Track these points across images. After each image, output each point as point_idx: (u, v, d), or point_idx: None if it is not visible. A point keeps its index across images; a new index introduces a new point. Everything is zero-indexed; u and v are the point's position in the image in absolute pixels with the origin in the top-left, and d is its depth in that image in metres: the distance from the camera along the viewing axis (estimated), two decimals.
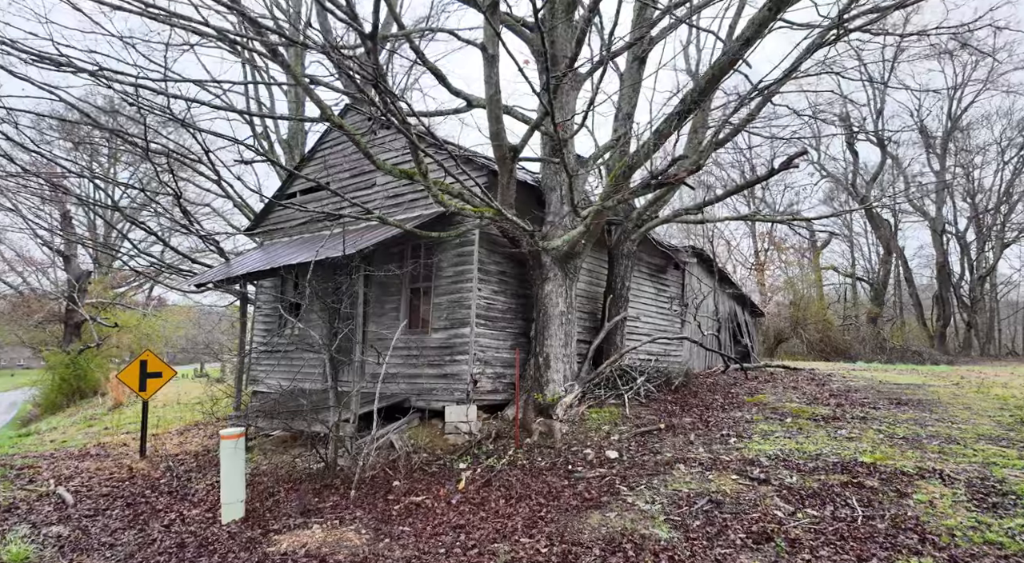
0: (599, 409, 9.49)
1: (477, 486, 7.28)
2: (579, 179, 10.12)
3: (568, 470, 7.37)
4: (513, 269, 10.37)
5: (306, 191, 12.90)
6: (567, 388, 9.57)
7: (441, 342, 9.81)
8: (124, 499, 8.48)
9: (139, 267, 19.04)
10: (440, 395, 9.68)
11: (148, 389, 10.71)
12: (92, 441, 13.82)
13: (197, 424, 15.38)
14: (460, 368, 9.48)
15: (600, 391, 10.00)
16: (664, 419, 9.02)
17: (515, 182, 8.59)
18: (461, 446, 8.84)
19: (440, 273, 10.06)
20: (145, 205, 13.19)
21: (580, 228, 9.08)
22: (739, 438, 7.91)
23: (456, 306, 9.73)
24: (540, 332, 9.83)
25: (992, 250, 43.13)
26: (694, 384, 11.23)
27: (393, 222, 8.23)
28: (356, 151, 11.91)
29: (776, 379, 12.55)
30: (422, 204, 10.57)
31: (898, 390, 10.96)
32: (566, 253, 9.62)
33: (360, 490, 7.61)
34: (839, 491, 5.93)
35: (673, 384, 10.78)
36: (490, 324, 9.85)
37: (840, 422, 8.36)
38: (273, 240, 13.40)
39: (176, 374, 11.28)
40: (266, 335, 12.74)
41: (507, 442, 8.77)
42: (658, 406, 9.76)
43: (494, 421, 9.66)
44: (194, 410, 17.31)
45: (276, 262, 9.98)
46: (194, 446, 12.24)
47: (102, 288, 30.73)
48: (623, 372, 10.48)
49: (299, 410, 9.14)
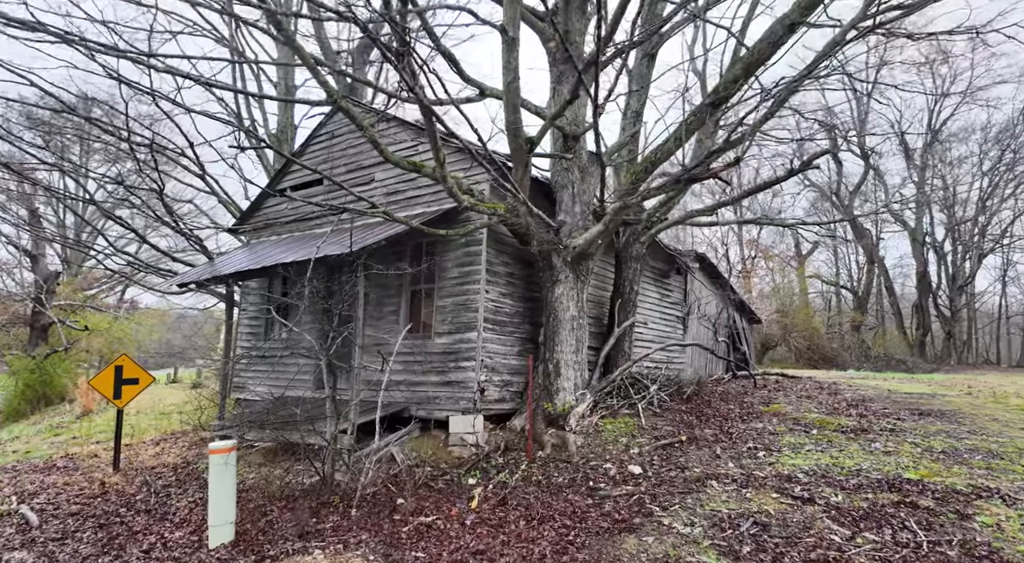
0: (613, 419, 8.95)
1: (492, 505, 6.67)
2: (591, 177, 9.62)
3: (590, 487, 6.81)
4: (521, 270, 9.82)
5: (298, 187, 12.20)
6: (578, 397, 9.02)
7: (445, 347, 9.20)
8: (96, 519, 7.70)
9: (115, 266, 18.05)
10: (444, 404, 9.06)
11: (124, 397, 9.91)
12: (59, 452, 12.88)
13: (174, 433, 14.50)
14: (466, 375, 8.88)
15: (612, 400, 9.48)
16: (683, 430, 8.51)
17: (530, 177, 8.05)
18: (468, 460, 8.23)
19: (444, 274, 9.47)
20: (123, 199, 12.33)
21: (599, 227, 8.57)
22: (768, 452, 7.43)
23: (462, 309, 9.14)
24: (550, 337, 9.27)
25: (970, 260, 43.75)
26: (705, 393, 10.77)
27: (400, 218, 7.63)
28: (352, 146, 11.29)
29: (784, 388, 12.17)
30: (424, 201, 9.98)
31: (913, 400, 10.63)
32: (578, 254, 9.10)
33: (362, 508, 6.95)
34: (893, 512, 5.46)
35: (685, 393, 10.30)
36: (497, 328, 9.27)
37: (870, 434, 7.94)
38: (260, 239, 12.67)
39: (154, 380, 10.50)
40: (252, 339, 11.98)
41: (517, 455, 8.18)
42: (673, 416, 9.26)
43: (501, 432, 9.06)
44: (170, 418, 16.42)
45: (268, 260, 9.29)
46: (172, 458, 11.43)
47: (71, 290, 29.43)
48: (634, 380, 9.97)
49: (292, 420, 8.45)
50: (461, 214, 9.49)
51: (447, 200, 9.69)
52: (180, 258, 12.58)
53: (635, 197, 7.50)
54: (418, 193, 10.10)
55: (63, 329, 25.14)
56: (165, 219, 11.75)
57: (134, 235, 14.94)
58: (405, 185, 10.31)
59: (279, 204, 12.47)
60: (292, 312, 11.59)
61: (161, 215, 11.91)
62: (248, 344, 11.90)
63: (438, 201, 9.80)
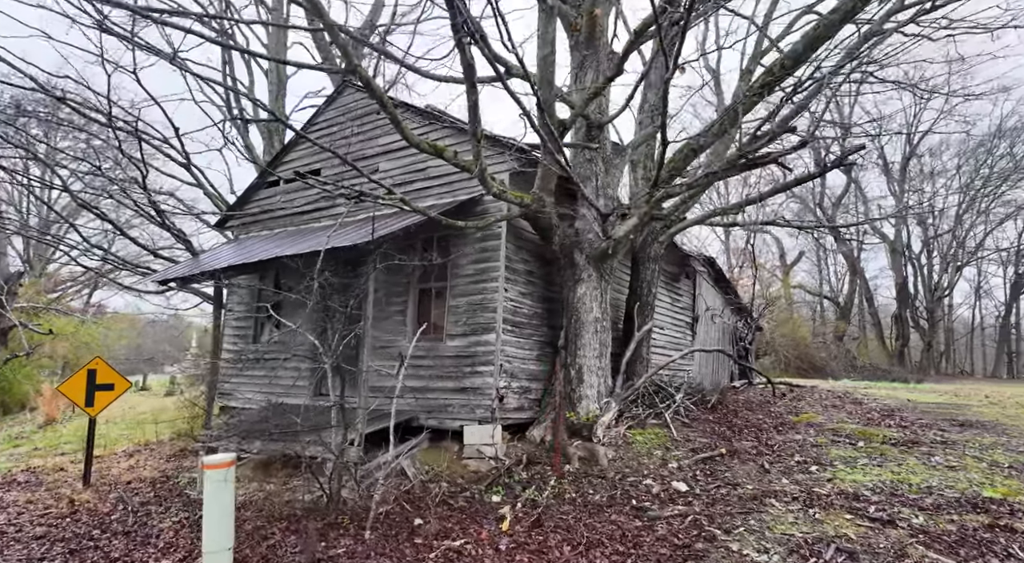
0: (641, 430, 8.28)
1: (526, 527, 5.93)
2: (616, 169, 9.00)
3: (635, 507, 6.11)
4: (540, 269, 9.13)
5: (292, 180, 11.35)
6: (603, 406, 8.34)
7: (458, 350, 8.45)
8: (66, 543, 6.76)
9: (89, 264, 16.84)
10: (457, 413, 8.29)
11: (97, 404, 8.93)
12: (19, 465, 11.74)
13: (148, 444, 13.43)
14: (483, 381, 8.13)
15: (637, 409, 8.82)
16: (719, 442, 7.88)
17: (559, 165, 7.39)
18: (487, 474, 7.47)
19: (458, 271, 8.72)
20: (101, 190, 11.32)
21: (633, 221, 7.93)
22: (820, 466, 6.82)
23: (478, 309, 8.40)
24: (572, 341, 8.59)
25: (948, 272, 44.34)
26: (728, 401, 10.18)
27: (419, 208, 6.89)
28: (354, 134, 10.50)
29: (801, 397, 11.63)
30: (434, 193, 9.24)
31: (942, 411, 10.18)
32: (602, 251, 8.45)
33: (376, 531, 6.15)
34: (989, 536, 4.87)
35: (709, 402, 9.69)
36: (516, 331, 8.55)
37: (923, 447, 7.39)
38: (249, 234, 11.78)
39: (132, 386, 9.53)
40: (239, 342, 11.06)
41: (542, 470, 7.44)
42: (703, 427, 8.63)
43: (520, 443, 8.32)
44: (144, 428, 15.30)
45: (267, 253, 8.45)
46: (149, 471, 10.42)
47: (34, 292, 27.89)
48: (658, 388, 9.33)
49: (291, 430, 7.61)
50: (476, 207, 8.78)
51: (460, 192, 8.99)
52: (163, 254, 11.59)
53: (681, 187, 6.88)
54: (427, 184, 9.37)
55: (25, 333, 23.66)
56: (146, 211, 10.79)
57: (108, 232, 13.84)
58: (414, 176, 9.57)
59: (270, 197, 11.62)
60: (285, 313, 10.71)
61: (142, 207, 10.93)
62: (235, 347, 10.98)
63: (451, 192, 9.07)
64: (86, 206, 10.90)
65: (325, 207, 10.75)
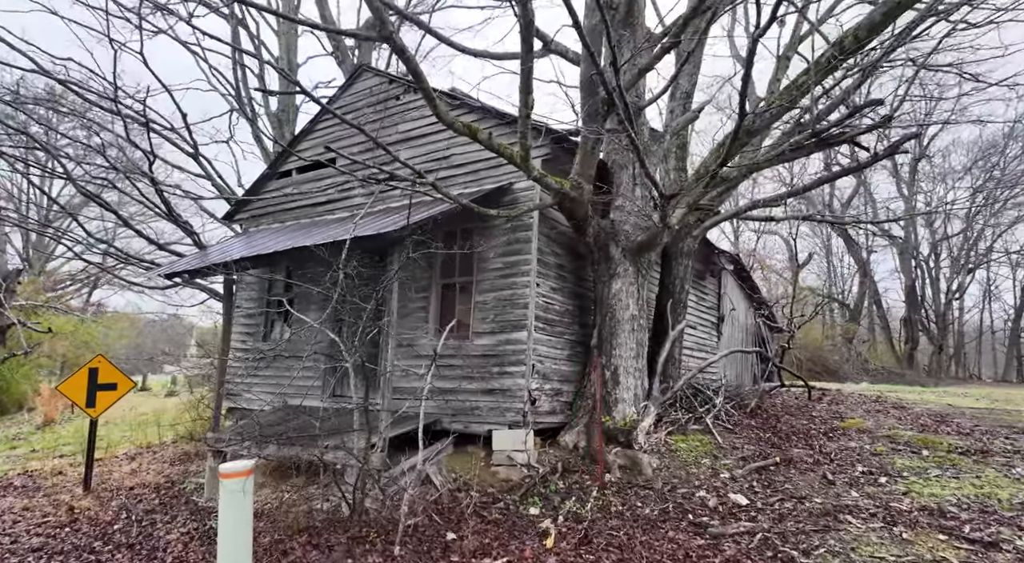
0: (683, 436, 7.72)
1: (573, 544, 5.36)
2: (654, 156, 8.44)
3: (692, 522, 5.54)
4: (571, 262, 8.57)
5: (305, 169, 10.80)
6: (641, 410, 7.77)
7: (486, 349, 7.87)
8: (65, 556, 6.20)
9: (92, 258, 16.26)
10: (485, 416, 7.72)
11: (99, 405, 8.37)
12: (16, 468, 11.19)
13: (150, 447, 12.89)
14: (513, 382, 7.55)
15: (675, 413, 8.25)
16: (770, 450, 7.31)
17: (600, 149, 6.84)
18: (519, 483, 6.89)
19: (485, 265, 8.15)
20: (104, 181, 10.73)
21: (682, 210, 7.37)
22: (889, 477, 6.25)
23: (507, 305, 7.83)
24: (606, 340, 8.02)
25: (959, 275, 43.76)
26: (766, 405, 9.61)
27: (451, 195, 6.34)
28: (372, 121, 9.95)
29: (838, 400, 11.06)
30: (459, 182, 8.68)
31: (995, 416, 9.60)
32: (640, 243, 7.89)
33: (406, 546, 5.58)
34: None
35: (748, 405, 9.12)
36: (548, 328, 7.98)
37: (997, 457, 6.82)
38: (259, 227, 11.21)
39: (135, 386, 8.97)
40: (248, 340, 10.49)
41: (580, 479, 6.87)
42: (747, 432, 8.06)
43: (551, 449, 7.75)
44: (146, 429, 14.76)
45: (284, 244, 7.90)
46: (152, 476, 9.85)
47: (33, 289, 27.34)
48: (695, 391, 8.76)
49: (308, 433, 7.03)
50: (504, 196, 8.22)
51: (486, 180, 8.44)
52: (169, 248, 11.01)
53: (740, 170, 6.33)
54: (451, 173, 8.81)
55: (23, 331, 23.12)
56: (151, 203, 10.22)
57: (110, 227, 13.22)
58: (436, 164, 9.01)
59: (282, 189, 11.06)
60: (297, 310, 10.15)
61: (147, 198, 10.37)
62: (245, 346, 10.40)
63: (476, 181, 8.52)
64: (87, 194, 10.32)
65: (340, 199, 10.20)
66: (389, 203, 9.49)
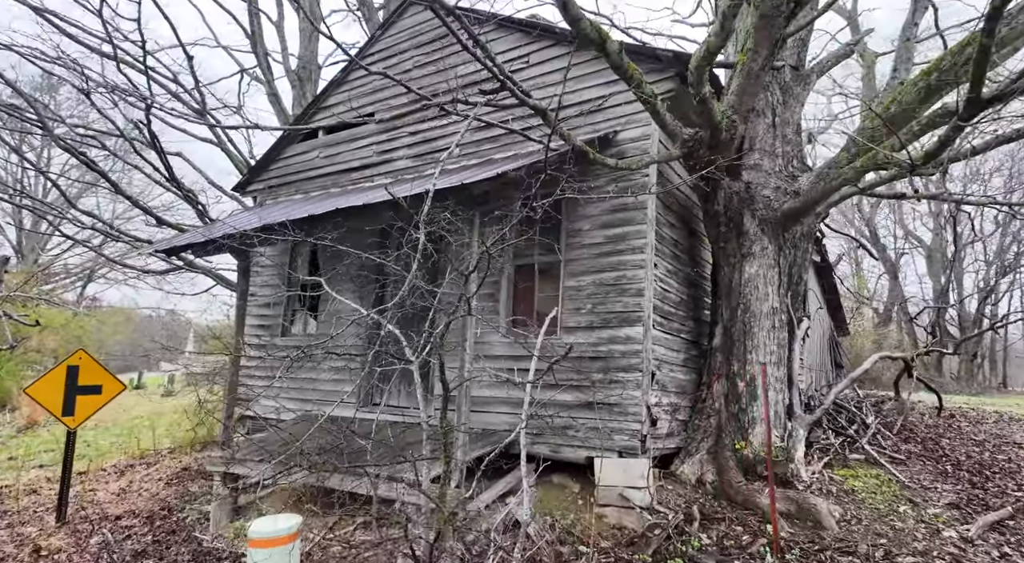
0: (848, 469, 5.86)
1: None
2: (795, 101, 6.60)
3: None
4: (685, 239, 6.73)
5: (334, 129, 8.96)
6: (788, 434, 5.91)
7: (582, 350, 6.00)
8: None
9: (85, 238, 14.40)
10: (584, 438, 5.85)
11: (78, 413, 6.51)
12: None
13: (144, 457, 11.04)
14: (624, 394, 5.68)
15: (823, 436, 6.40)
16: (972, 491, 5.45)
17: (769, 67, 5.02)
18: (644, 536, 5.02)
19: (577, 240, 6.28)
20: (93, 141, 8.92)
21: (812, 177, 5.57)
22: None
23: (611, 292, 5.96)
24: (738, 340, 6.17)
25: (993, 282, 41.97)
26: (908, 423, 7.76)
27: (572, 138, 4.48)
28: (420, 65, 8.11)
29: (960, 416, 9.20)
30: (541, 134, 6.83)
31: None
32: (786, 213, 6.06)
33: None
34: None
35: (893, 424, 7.27)
36: (664, 324, 6.13)
37: None
38: (278, 200, 9.36)
39: (125, 388, 7.11)
40: (264, 335, 8.63)
41: (731, 531, 5.00)
42: (918, 463, 6.21)
43: (668, 484, 5.89)
44: (139, 435, 12.89)
45: (319, 208, 6.04)
46: (145, 498, 7.99)
47: (23, 279, 25.51)
48: (838, 407, 6.91)
49: (352, 455, 5.17)
50: (606, 148, 6.34)
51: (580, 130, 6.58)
52: (168, 223, 9.14)
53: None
54: (530, 124, 6.95)
55: (9, 324, 21.30)
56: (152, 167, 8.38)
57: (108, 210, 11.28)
58: (509, 114, 7.17)
59: (305, 153, 9.21)
60: (323, 297, 8.31)
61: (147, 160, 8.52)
62: (259, 342, 8.53)
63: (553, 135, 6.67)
64: (90, 165, 8.45)
65: (379, 163, 8.35)
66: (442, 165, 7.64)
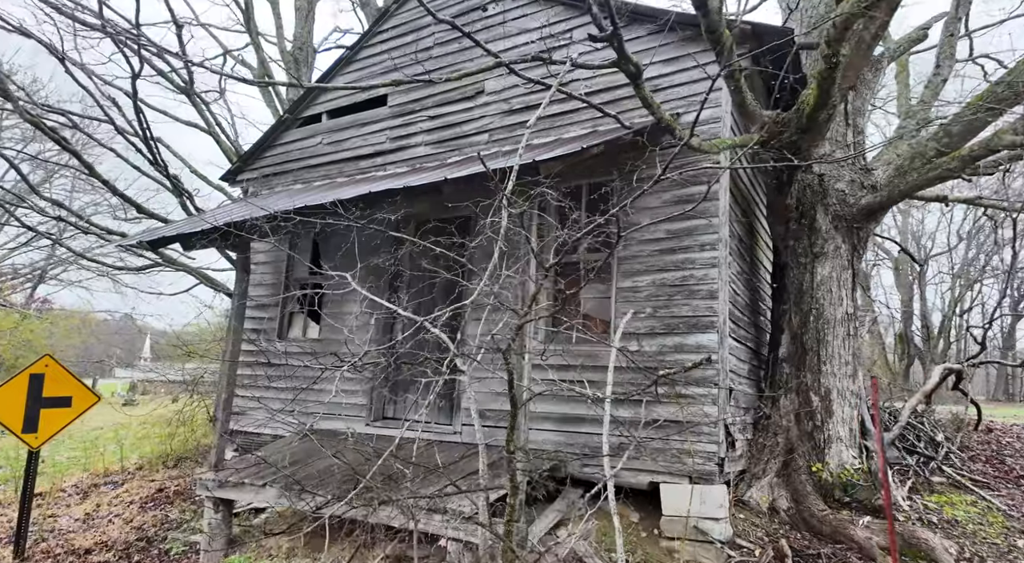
0: (939, 495, 5.26)
1: None
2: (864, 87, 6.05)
3: None
4: (746, 236, 6.09)
5: (339, 111, 8.11)
6: (868, 453, 5.30)
7: (642, 359, 5.27)
8: None
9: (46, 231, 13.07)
10: (644, 461, 5.10)
11: (42, 430, 5.50)
12: None
13: (108, 475, 9.91)
14: (697, 410, 4.97)
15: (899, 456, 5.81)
16: None
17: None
18: None
19: (632, 235, 5.56)
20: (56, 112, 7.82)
21: (889, 170, 5.02)
22: None
23: (676, 294, 5.26)
24: (810, 349, 5.54)
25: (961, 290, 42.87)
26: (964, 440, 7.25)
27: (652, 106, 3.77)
28: (442, 42, 7.33)
29: (1006, 431, 8.80)
30: (575, 121, 6.16)
31: None
32: (863, 210, 5.48)
33: None
34: None
35: (953, 441, 6.74)
36: (735, 330, 5.45)
37: None
38: (274, 189, 8.44)
39: (99, 400, 6.09)
40: (258, 339, 7.67)
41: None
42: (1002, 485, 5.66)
43: (739, 513, 5.19)
44: (103, 449, 11.73)
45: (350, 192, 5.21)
46: (117, 527, 6.96)
47: None
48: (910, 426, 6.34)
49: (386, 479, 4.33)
50: (664, 135, 5.66)
51: (629, 115, 5.89)
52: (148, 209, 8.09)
53: None
54: (570, 107, 6.25)
55: None
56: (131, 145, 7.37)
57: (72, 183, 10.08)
58: (539, 97, 6.46)
59: (307, 139, 8.33)
60: (328, 298, 7.42)
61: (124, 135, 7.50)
62: (251, 347, 7.57)
63: (591, 120, 6.00)
64: (37, 124, 7.39)
65: (394, 149, 7.53)
66: (470, 154, 6.87)
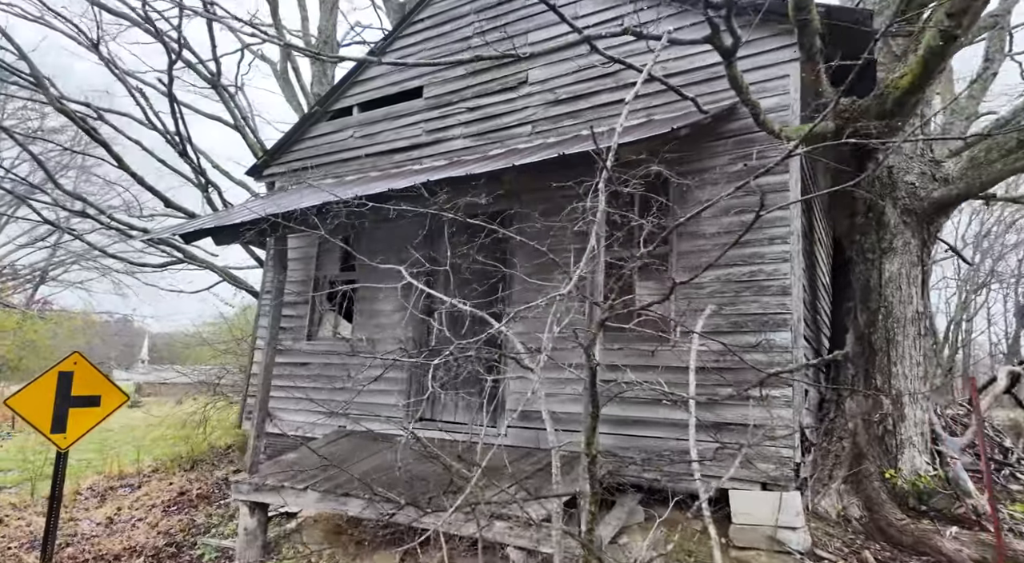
0: (1016, 503, 5.00)
1: None
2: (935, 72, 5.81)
3: None
4: (808, 230, 5.84)
5: (371, 104, 7.86)
6: (943, 459, 5.03)
7: (706, 360, 4.98)
8: None
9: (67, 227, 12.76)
10: (707, 465, 4.81)
11: (71, 430, 5.19)
12: None
13: (123, 477, 9.63)
14: (767, 413, 4.70)
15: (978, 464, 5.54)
16: None
17: None
18: None
19: (691, 229, 5.30)
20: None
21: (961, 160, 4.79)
22: None
23: (745, 289, 5.00)
24: (879, 349, 5.29)
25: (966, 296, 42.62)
26: None
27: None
28: (482, 30, 7.08)
29: None
30: (635, 108, 5.89)
31: None
32: (935, 203, 5.23)
33: None
34: None
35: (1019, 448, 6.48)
36: (804, 329, 5.19)
37: None
38: (302, 184, 8.18)
39: (128, 399, 5.80)
40: (285, 338, 7.40)
41: None
42: None
43: (811, 522, 4.92)
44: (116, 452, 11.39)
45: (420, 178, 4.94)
46: (143, 531, 6.67)
47: None
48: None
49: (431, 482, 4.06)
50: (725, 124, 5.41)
51: (658, 110, 5.67)
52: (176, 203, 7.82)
53: None
54: (613, 99, 6.00)
55: None
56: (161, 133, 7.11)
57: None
58: (587, 86, 6.22)
59: (336, 132, 8.09)
60: (362, 295, 7.16)
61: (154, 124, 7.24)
62: (283, 347, 7.30)
63: (645, 109, 5.75)
64: (69, 115, 7.12)
65: (430, 143, 7.28)
66: (511, 145, 6.61)
